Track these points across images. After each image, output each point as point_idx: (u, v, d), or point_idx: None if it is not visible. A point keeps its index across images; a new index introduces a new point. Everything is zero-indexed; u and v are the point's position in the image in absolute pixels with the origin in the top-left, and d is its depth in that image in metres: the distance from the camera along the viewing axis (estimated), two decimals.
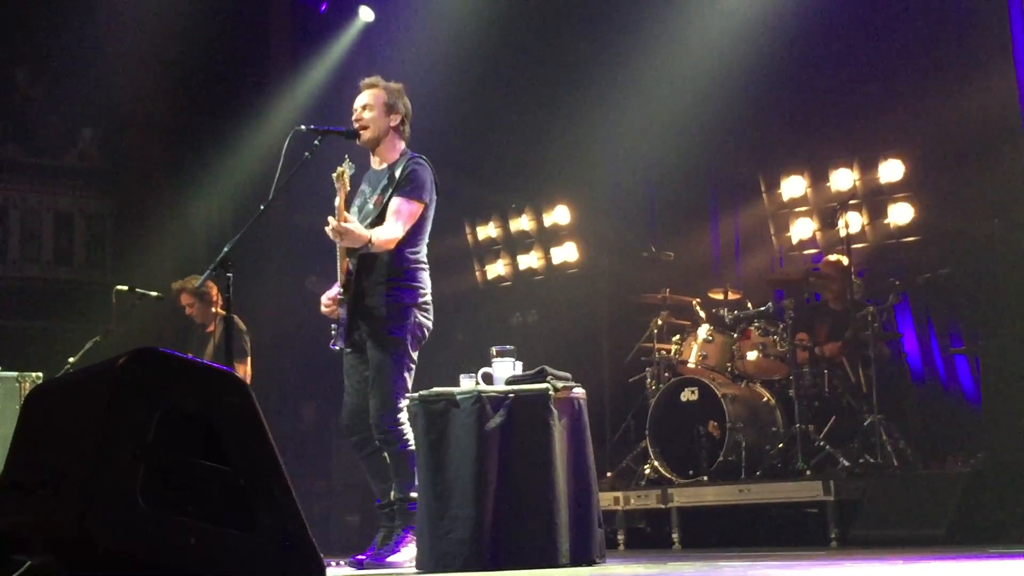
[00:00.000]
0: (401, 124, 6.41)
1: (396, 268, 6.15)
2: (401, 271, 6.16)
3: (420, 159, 6.31)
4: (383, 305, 6.11)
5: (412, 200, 6.16)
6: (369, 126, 6.34)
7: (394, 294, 6.13)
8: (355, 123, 6.37)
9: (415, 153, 6.36)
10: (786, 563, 5.69)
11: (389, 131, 6.37)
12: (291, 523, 3.73)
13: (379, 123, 6.34)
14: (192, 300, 9.14)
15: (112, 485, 3.44)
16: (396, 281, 6.14)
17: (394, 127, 6.38)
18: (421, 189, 6.19)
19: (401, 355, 6.10)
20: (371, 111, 6.35)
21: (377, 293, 6.14)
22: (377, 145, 6.39)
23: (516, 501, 5.40)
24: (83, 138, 13.46)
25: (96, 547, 3.35)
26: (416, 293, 6.18)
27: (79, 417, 3.68)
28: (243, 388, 3.80)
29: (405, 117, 6.43)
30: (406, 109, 6.43)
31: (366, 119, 6.34)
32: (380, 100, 6.36)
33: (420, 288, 6.21)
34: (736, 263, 11.38)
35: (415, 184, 6.18)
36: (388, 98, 6.37)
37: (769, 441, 8.68)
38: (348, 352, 6.29)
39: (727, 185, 11.54)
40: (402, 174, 6.20)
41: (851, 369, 8.95)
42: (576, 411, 5.68)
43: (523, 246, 12.37)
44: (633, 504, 8.90)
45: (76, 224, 13.29)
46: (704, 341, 9.12)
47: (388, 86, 6.43)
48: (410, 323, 6.13)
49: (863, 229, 10.13)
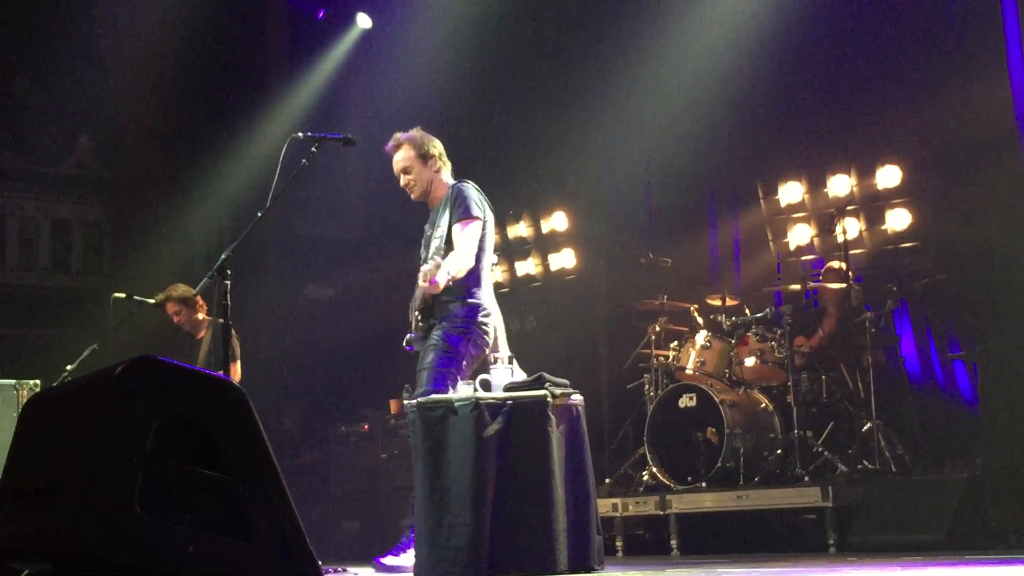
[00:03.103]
0: (440, 163, 6.51)
1: (457, 285, 6.19)
2: (461, 288, 6.21)
3: (463, 183, 6.41)
4: (449, 315, 6.20)
5: (465, 220, 6.24)
6: (417, 185, 6.49)
7: (458, 309, 6.21)
8: (405, 188, 6.51)
9: (458, 180, 6.46)
10: (784, 569, 5.69)
11: (433, 178, 6.49)
12: (289, 530, 3.73)
13: (423, 178, 6.48)
14: (178, 308, 9.12)
15: (110, 493, 3.44)
16: (457, 298, 6.22)
17: (436, 171, 6.49)
18: (470, 207, 6.27)
19: (451, 362, 6.14)
20: (411, 172, 6.47)
21: (447, 305, 6.22)
22: (430, 196, 6.51)
23: (514, 508, 5.40)
24: (80, 146, 13.46)
25: (94, 555, 3.35)
26: (476, 310, 6.25)
27: (77, 425, 3.68)
28: (241, 396, 3.80)
29: (440, 156, 6.53)
30: (438, 148, 6.53)
31: (412, 182, 6.48)
32: (413, 158, 6.48)
33: (480, 306, 6.27)
34: (734, 269, 11.38)
35: (463, 205, 6.27)
36: (419, 150, 6.48)
37: (767, 447, 8.68)
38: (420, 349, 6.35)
39: (725, 191, 11.54)
40: (451, 203, 6.30)
41: (849, 375, 8.95)
42: (574, 418, 5.68)
43: (521, 252, 12.36)
44: (631, 511, 8.88)
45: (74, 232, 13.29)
46: (702, 347, 9.12)
47: (412, 138, 6.51)
48: (468, 334, 6.19)
49: (861, 235, 10.13)
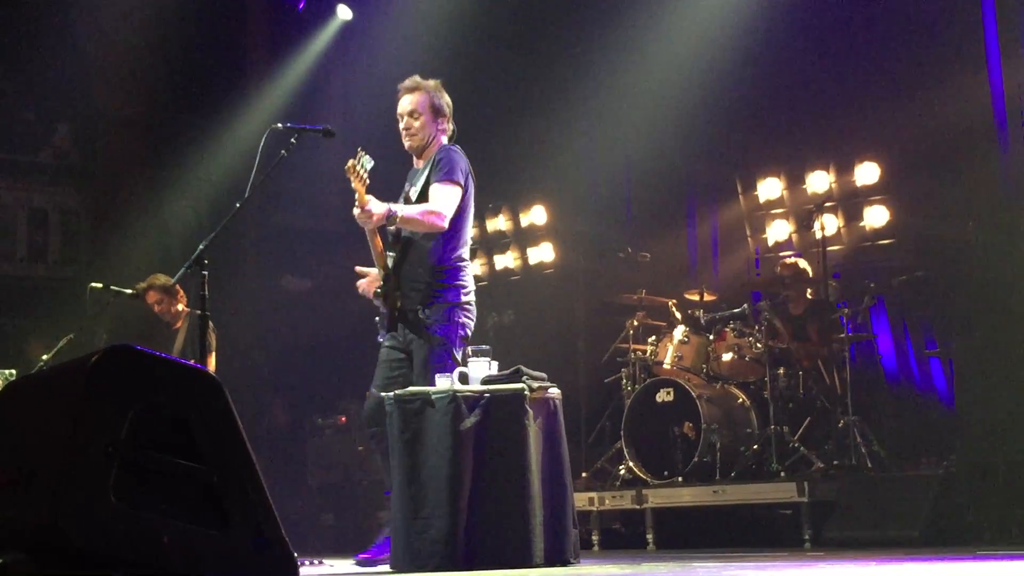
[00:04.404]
0: (448, 124, 6.24)
1: (439, 266, 6.03)
2: (443, 269, 6.04)
3: (453, 147, 6.16)
4: (427, 305, 6.01)
5: (447, 182, 5.98)
6: (418, 133, 6.18)
7: (437, 293, 6.02)
8: (404, 131, 6.19)
9: (450, 144, 6.20)
10: (760, 564, 5.70)
11: (436, 135, 6.22)
12: (264, 521, 3.72)
13: (427, 130, 6.18)
14: (160, 297, 9.13)
15: (84, 482, 3.42)
16: (439, 280, 6.03)
17: (441, 130, 6.22)
18: (454, 170, 6.01)
19: (445, 354, 5.98)
20: (418, 118, 6.17)
21: (419, 291, 6.03)
22: (424, 151, 6.23)
23: (491, 501, 5.39)
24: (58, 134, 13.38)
25: (68, 544, 3.34)
26: (459, 292, 6.06)
27: (51, 414, 3.66)
28: (217, 386, 3.79)
29: (449, 117, 6.26)
30: (450, 108, 6.26)
31: (416, 127, 6.17)
32: (426, 105, 6.18)
33: (464, 287, 6.08)
34: (713, 265, 11.41)
35: (447, 167, 6.01)
36: (434, 100, 6.19)
37: (744, 442, 8.70)
38: (386, 345, 6.17)
39: (704, 186, 11.58)
40: (434, 163, 6.05)
41: (826, 371, 8.99)
42: (551, 411, 5.68)
43: (499, 246, 12.36)
44: (608, 505, 8.90)
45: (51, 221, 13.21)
46: (680, 342, 9.14)
47: (429, 86, 6.22)
48: (453, 322, 6.01)
49: (839, 231, 10.17)
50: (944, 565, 5.15)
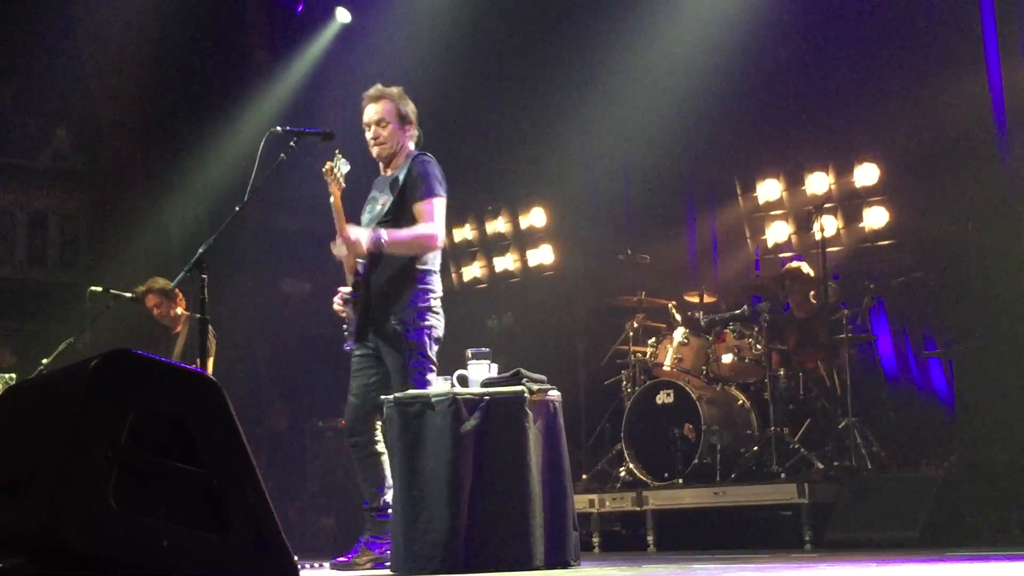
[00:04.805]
0: (414, 130, 6.31)
1: (408, 272, 6.09)
2: (413, 275, 6.10)
3: (425, 156, 6.21)
4: (397, 309, 6.06)
5: (430, 198, 6.06)
6: (387, 142, 6.23)
7: (407, 297, 6.08)
8: (371, 140, 6.25)
9: (419, 151, 6.26)
10: (760, 566, 5.70)
11: (404, 142, 6.28)
12: (264, 525, 3.72)
13: (395, 138, 6.24)
14: (159, 300, 9.14)
15: (84, 487, 3.42)
16: (409, 284, 6.09)
17: (408, 137, 6.29)
18: (433, 185, 6.09)
19: (421, 358, 6.05)
20: (386, 126, 6.23)
21: (390, 297, 6.09)
22: (392, 159, 6.29)
23: (491, 503, 5.38)
24: (58, 138, 13.39)
25: (67, 549, 3.34)
26: (428, 295, 6.12)
27: (51, 418, 3.66)
28: (216, 390, 3.79)
29: (415, 123, 6.32)
30: (415, 115, 6.32)
31: (384, 135, 6.23)
32: (393, 113, 6.24)
33: (431, 292, 6.15)
34: (712, 266, 11.40)
35: (427, 183, 6.08)
36: (400, 108, 6.25)
37: (744, 444, 8.70)
38: (357, 354, 6.23)
39: (703, 188, 11.57)
40: (409, 176, 6.12)
41: (826, 372, 8.99)
42: (551, 413, 5.67)
43: (499, 248, 12.36)
44: (608, 507, 8.89)
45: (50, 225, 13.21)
46: (680, 344, 9.13)
47: (393, 94, 6.28)
48: (424, 325, 6.08)
49: (838, 232, 10.17)
50: (944, 566, 5.14)
